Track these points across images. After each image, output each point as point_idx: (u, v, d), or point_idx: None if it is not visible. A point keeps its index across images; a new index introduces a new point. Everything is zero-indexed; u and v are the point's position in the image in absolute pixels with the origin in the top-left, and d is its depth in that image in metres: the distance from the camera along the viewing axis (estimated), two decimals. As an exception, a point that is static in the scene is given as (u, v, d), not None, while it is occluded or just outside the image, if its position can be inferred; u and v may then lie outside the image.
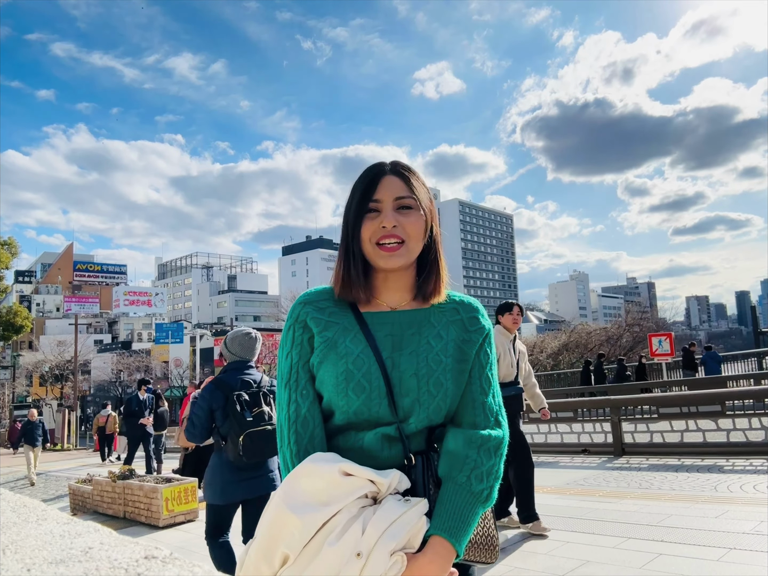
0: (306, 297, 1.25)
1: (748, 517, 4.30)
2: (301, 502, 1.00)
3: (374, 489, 1.04)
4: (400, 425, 1.14)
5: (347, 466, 1.04)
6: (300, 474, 1.04)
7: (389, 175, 1.21)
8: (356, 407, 1.14)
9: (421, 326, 1.21)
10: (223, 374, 3.53)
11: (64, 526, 0.86)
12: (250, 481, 3.35)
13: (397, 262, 1.18)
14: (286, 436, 1.17)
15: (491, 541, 1.20)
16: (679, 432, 7.81)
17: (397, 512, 1.01)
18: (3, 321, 31.97)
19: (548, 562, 3.81)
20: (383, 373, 1.14)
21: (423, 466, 1.14)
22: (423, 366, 1.15)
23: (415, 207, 1.20)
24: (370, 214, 1.19)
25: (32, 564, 0.62)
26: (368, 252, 1.20)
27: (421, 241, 1.21)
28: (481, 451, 1.15)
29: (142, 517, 6.61)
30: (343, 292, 1.22)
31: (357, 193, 1.21)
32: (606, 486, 6.08)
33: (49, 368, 41.72)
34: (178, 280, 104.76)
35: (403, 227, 1.17)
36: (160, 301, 68.70)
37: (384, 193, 1.19)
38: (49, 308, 73.74)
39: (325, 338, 1.18)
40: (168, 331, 41.89)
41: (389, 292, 1.25)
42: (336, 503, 1.00)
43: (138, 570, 0.61)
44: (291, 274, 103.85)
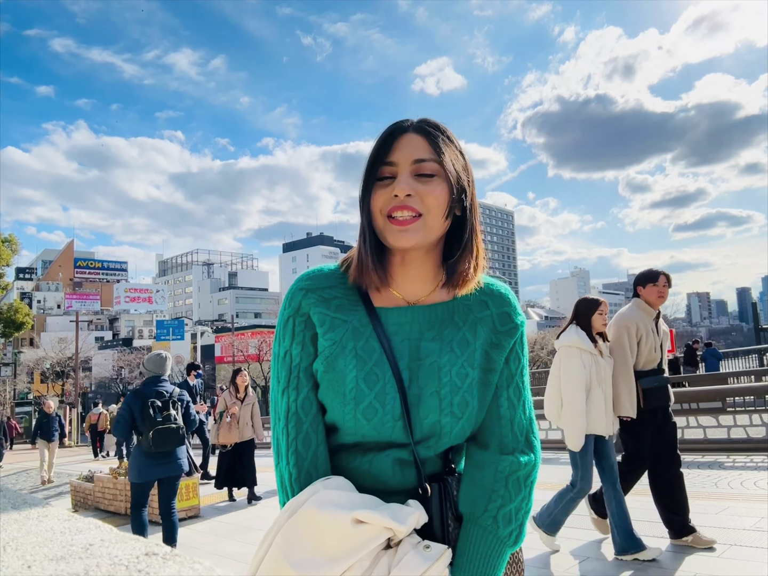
0: (308, 282, 1.02)
1: (749, 514, 4.30)
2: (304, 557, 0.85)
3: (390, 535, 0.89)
4: (415, 448, 0.97)
5: (360, 514, 0.86)
6: (303, 522, 0.88)
7: (410, 133, 0.97)
8: (365, 432, 0.96)
9: (443, 327, 1.01)
10: (142, 386, 4.74)
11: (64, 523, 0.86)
12: (161, 465, 4.53)
13: (410, 240, 0.95)
14: (284, 456, 0.99)
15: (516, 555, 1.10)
16: (679, 428, 7.79)
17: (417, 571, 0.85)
18: (4, 318, 32.01)
19: (548, 558, 3.82)
20: (400, 391, 0.95)
21: (440, 496, 0.97)
22: (446, 382, 0.97)
23: (439, 173, 0.95)
24: (384, 181, 0.97)
25: (33, 561, 0.62)
26: (379, 226, 0.98)
27: (443, 216, 0.97)
28: (510, 483, 0.99)
29: (144, 513, 6.62)
30: (359, 275, 1.00)
31: (370, 157, 0.99)
32: (606, 482, 6.08)
33: (50, 365, 41.77)
34: (178, 277, 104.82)
35: (421, 197, 0.94)
36: (161, 298, 68.79)
37: (400, 155, 0.96)
38: (50, 305, 73.81)
39: (332, 341, 0.98)
40: (169, 328, 41.92)
41: (407, 281, 1.03)
42: (346, 559, 0.85)
43: (138, 567, 0.61)
44: (291, 271, 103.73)
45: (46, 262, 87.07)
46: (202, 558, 0.89)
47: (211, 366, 41.74)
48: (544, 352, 30.25)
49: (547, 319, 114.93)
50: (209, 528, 6.00)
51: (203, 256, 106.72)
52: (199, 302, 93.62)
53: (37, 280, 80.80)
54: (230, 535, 5.56)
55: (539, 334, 36.12)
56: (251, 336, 39.88)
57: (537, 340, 32.43)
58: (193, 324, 56.35)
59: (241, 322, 57.93)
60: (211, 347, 42.98)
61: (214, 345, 42.99)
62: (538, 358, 29.86)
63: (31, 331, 46.88)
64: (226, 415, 7.35)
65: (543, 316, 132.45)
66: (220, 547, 5.16)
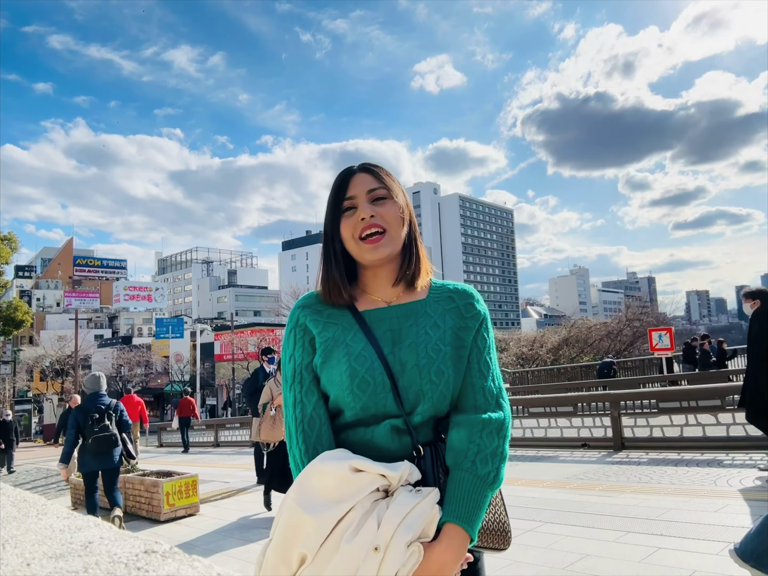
0: (304, 301, 1.28)
1: (748, 512, 4.31)
2: (313, 501, 1.02)
3: (386, 483, 1.06)
4: (407, 418, 1.16)
5: (357, 463, 1.05)
6: (310, 474, 1.06)
7: (359, 173, 1.24)
8: (363, 403, 1.16)
9: (418, 317, 1.23)
10: (84, 401, 6.20)
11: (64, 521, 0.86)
12: (99, 461, 6.01)
13: (383, 252, 1.20)
14: (294, 436, 1.20)
15: (503, 527, 1.21)
16: (678, 426, 7.81)
17: (410, 504, 1.02)
18: (3, 316, 31.99)
19: (548, 555, 3.82)
20: (386, 368, 1.16)
21: (432, 456, 1.16)
22: (423, 356, 1.17)
23: (389, 196, 1.23)
24: (347, 212, 1.22)
25: (32, 558, 0.62)
26: (353, 250, 1.22)
27: (401, 227, 1.24)
28: (484, 434, 1.17)
29: (143, 511, 6.64)
30: (328, 296, 1.25)
31: (331, 196, 1.25)
32: (606, 480, 6.09)
33: (50, 363, 41.74)
34: (178, 275, 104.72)
35: (381, 216, 1.20)
36: (161, 296, 68.75)
37: (356, 189, 1.22)
38: (49, 303, 73.73)
39: (326, 338, 1.20)
40: (168, 326, 41.91)
41: (381, 287, 1.27)
42: (349, 500, 1.01)
43: (138, 564, 0.61)
44: (291, 269, 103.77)
45: (46, 260, 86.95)
46: (201, 556, 0.89)
47: (210, 364, 41.74)
48: (543, 350, 30.17)
49: (546, 317, 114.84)
50: (208, 526, 6.01)
51: (202, 254, 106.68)
52: (198, 300, 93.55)
53: (36, 278, 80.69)
54: (230, 533, 5.56)
55: (538, 333, 36.02)
56: (250, 334, 39.87)
57: (536, 338, 32.33)
58: (193, 322, 56.29)
59: (241, 320, 57.90)
60: (210, 345, 42.95)
61: (214, 343, 42.95)
62: (537, 356, 29.79)
63: (30, 329, 46.88)
64: (270, 407, 6.18)
65: (542, 314, 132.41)
66: (220, 545, 5.16)
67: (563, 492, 5.69)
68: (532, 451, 8.72)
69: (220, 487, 8.43)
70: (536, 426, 9.49)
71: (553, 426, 9.29)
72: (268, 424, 6.10)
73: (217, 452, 15.89)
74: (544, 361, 28.71)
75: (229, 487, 8.46)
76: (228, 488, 8.32)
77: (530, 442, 9.16)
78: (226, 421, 22.00)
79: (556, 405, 10.16)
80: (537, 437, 9.26)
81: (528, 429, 9.67)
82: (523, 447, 8.97)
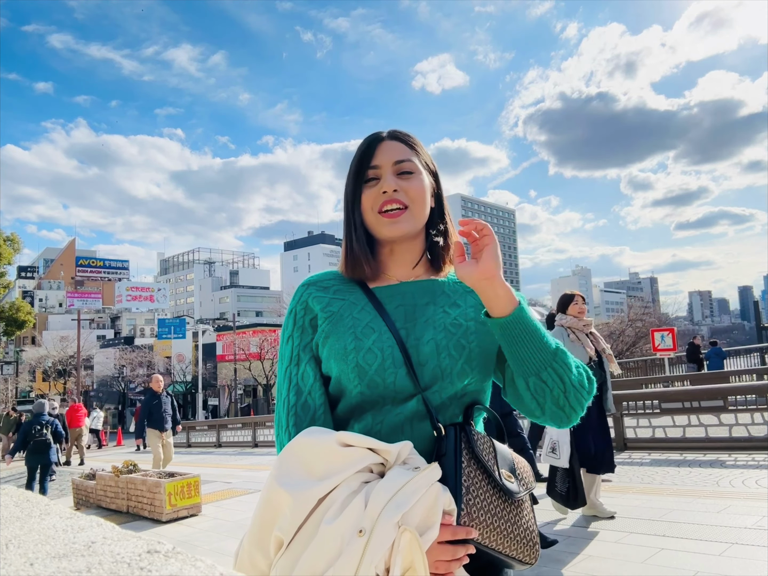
0: (310, 278, 1.18)
1: (750, 512, 4.30)
2: (293, 478, 0.88)
3: (379, 460, 0.91)
4: (424, 394, 1.01)
5: (346, 436, 0.91)
6: (293, 448, 0.92)
7: (387, 140, 1.13)
8: (369, 378, 1.02)
9: (435, 296, 1.12)
10: (32, 417, 9.16)
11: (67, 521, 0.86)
12: (37, 458, 8.90)
13: (401, 229, 1.08)
14: (284, 421, 1.06)
15: (532, 536, 1.01)
16: (681, 427, 7.80)
17: (402, 479, 0.86)
18: (6, 316, 32.04)
19: (550, 556, 3.82)
20: (397, 341, 1.04)
21: (456, 436, 0.97)
22: (440, 331, 1.06)
23: (417, 171, 1.11)
24: (370, 183, 1.11)
25: (35, 558, 0.62)
26: (371, 222, 1.11)
27: (426, 206, 1.12)
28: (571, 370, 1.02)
29: (146, 511, 6.64)
30: (349, 270, 1.14)
31: (354, 162, 1.14)
32: (608, 481, 6.09)
33: (52, 363, 41.84)
34: (180, 276, 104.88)
35: (405, 191, 1.09)
36: (163, 296, 68.76)
37: (382, 158, 1.11)
38: (51, 304, 73.89)
39: (330, 313, 1.09)
40: (170, 327, 41.90)
41: (397, 265, 1.16)
42: (334, 477, 0.87)
43: (141, 564, 0.61)
44: (293, 270, 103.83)
45: (48, 261, 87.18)
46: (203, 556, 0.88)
47: (212, 364, 41.75)
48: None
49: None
50: (211, 526, 6.02)
51: (204, 254, 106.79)
52: (200, 301, 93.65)
53: (38, 278, 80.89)
54: (232, 533, 5.56)
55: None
56: (252, 334, 39.87)
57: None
58: (195, 322, 56.32)
59: (243, 320, 57.96)
60: (212, 346, 42.96)
61: (216, 343, 42.96)
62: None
63: (32, 330, 47.00)
64: None
65: (544, 315, 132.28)
66: (222, 545, 5.17)
67: (565, 492, 5.67)
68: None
69: (222, 488, 8.43)
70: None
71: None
72: None
73: (219, 452, 15.90)
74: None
75: (231, 487, 8.46)
76: (230, 488, 8.33)
77: (532, 443, 9.14)
78: (228, 421, 22.02)
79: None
80: (539, 438, 9.24)
81: (530, 429, 9.65)
82: (525, 447, 8.95)
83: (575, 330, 4.53)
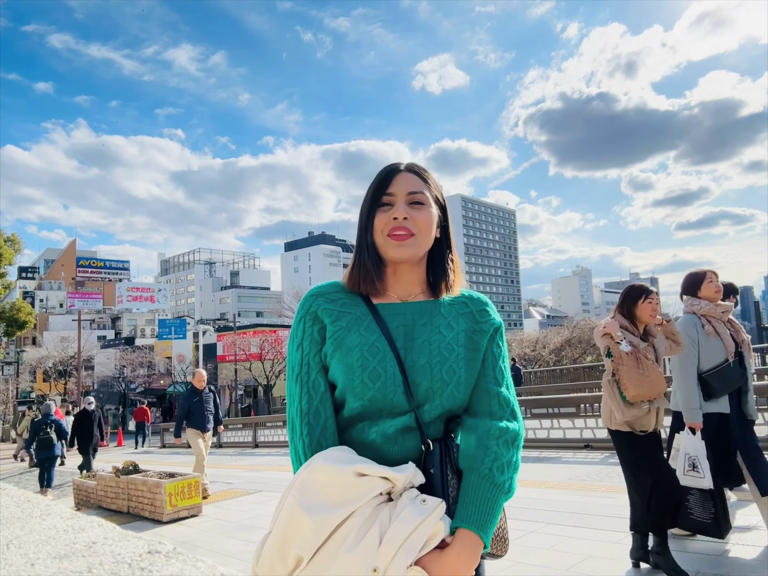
0: (317, 289, 1.26)
1: (751, 513, 4.29)
2: (313, 502, 0.99)
3: (389, 486, 1.03)
4: (417, 411, 1.14)
5: (362, 467, 1.03)
6: (312, 472, 1.03)
7: (404, 172, 1.24)
8: (371, 394, 1.14)
9: (432, 317, 1.23)
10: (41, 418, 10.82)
11: (67, 521, 0.86)
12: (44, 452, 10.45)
13: (406, 252, 1.20)
14: (298, 428, 1.17)
15: (503, 533, 1.19)
16: (681, 427, 7.79)
17: (414, 522, 0.98)
18: (6, 317, 32.04)
19: (550, 556, 3.82)
20: (398, 362, 1.15)
21: (441, 452, 1.14)
22: (436, 355, 1.17)
23: (427, 203, 1.22)
24: (383, 208, 1.22)
25: (36, 559, 0.62)
26: (379, 243, 1.22)
27: (430, 235, 1.23)
28: (500, 443, 1.15)
29: (146, 512, 6.65)
30: (356, 284, 1.24)
31: (372, 187, 1.25)
32: (608, 481, 6.09)
33: (53, 364, 41.85)
34: (180, 276, 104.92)
35: (414, 220, 1.20)
36: (163, 296, 68.76)
37: (398, 188, 1.22)
38: (52, 304, 73.94)
39: (339, 327, 1.19)
40: (171, 327, 41.90)
41: (399, 285, 1.26)
42: (349, 505, 0.98)
43: (141, 564, 0.61)
44: (293, 270, 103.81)
45: (49, 261, 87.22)
46: (204, 556, 0.88)
47: (212, 365, 41.74)
48: (546, 351, 30.09)
49: (549, 318, 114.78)
50: (211, 527, 6.02)
51: (205, 255, 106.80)
52: (201, 301, 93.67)
53: (39, 279, 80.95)
54: (232, 534, 5.57)
55: (541, 333, 35.96)
56: (253, 335, 39.86)
57: (539, 339, 32.27)
58: (195, 323, 56.29)
59: (243, 321, 57.92)
60: (213, 346, 42.94)
61: (216, 344, 42.94)
62: (540, 357, 29.73)
63: (33, 330, 47.02)
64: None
65: (545, 315, 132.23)
66: (223, 545, 5.17)
67: (566, 493, 5.68)
68: (534, 452, 8.71)
69: (223, 488, 8.44)
70: (539, 427, 9.48)
71: (556, 427, 9.27)
72: (632, 370, 3.28)
73: (219, 453, 15.91)
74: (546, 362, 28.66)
75: (232, 487, 8.47)
76: (231, 489, 8.33)
77: (533, 443, 9.15)
78: (228, 422, 22.01)
79: (559, 406, 10.15)
80: (540, 438, 9.24)
81: (531, 430, 9.64)
82: (526, 448, 8.94)
83: (712, 319, 3.61)
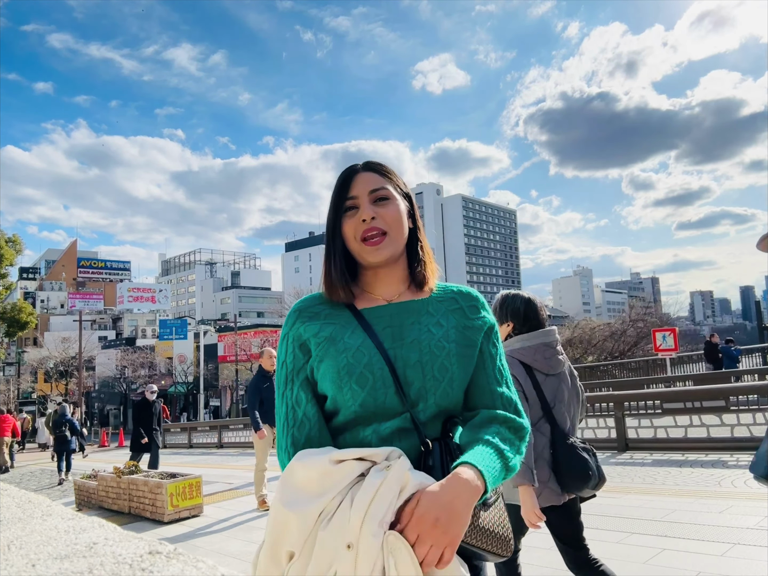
0: (300, 304, 1.24)
1: (752, 513, 4.29)
2: (296, 498, 1.00)
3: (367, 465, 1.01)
4: (412, 411, 1.11)
5: (337, 454, 1.02)
6: (291, 471, 1.04)
7: (362, 172, 1.22)
8: (362, 399, 1.11)
9: (420, 315, 1.20)
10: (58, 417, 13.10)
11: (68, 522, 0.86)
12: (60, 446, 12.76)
13: (383, 254, 1.18)
14: (283, 442, 1.16)
15: (507, 532, 1.11)
16: (683, 427, 7.79)
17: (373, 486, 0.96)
18: (8, 317, 32.05)
19: (550, 557, 3.81)
20: (387, 363, 1.12)
21: (441, 450, 1.10)
22: (426, 353, 1.14)
23: (392, 197, 1.21)
24: (349, 212, 1.20)
25: (37, 559, 0.62)
26: (355, 250, 1.20)
27: (403, 229, 1.21)
28: (503, 427, 1.13)
29: (147, 512, 6.65)
30: (327, 294, 1.22)
31: (334, 194, 1.23)
32: (609, 481, 6.05)
33: (54, 364, 41.88)
34: (181, 277, 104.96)
35: (382, 218, 1.18)
36: (164, 297, 68.89)
37: (359, 189, 1.20)
38: (53, 305, 73.97)
39: (323, 338, 1.16)
40: (172, 328, 41.93)
41: (383, 286, 1.24)
42: (330, 491, 0.98)
43: (142, 565, 0.61)
44: (294, 270, 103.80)
45: (50, 262, 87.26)
46: (205, 557, 0.88)
47: (213, 365, 41.77)
48: (547, 351, 30.02)
49: (549, 317, 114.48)
50: (212, 527, 6.02)
51: (206, 255, 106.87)
52: (201, 301, 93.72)
53: (40, 279, 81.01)
54: (233, 534, 5.57)
55: (542, 333, 35.89)
56: (254, 335, 39.91)
57: (540, 339, 32.21)
58: (196, 323, 56.32)
59: (244, 321, 57.94)
60: (213, 346, 42.97)
61: (217, 344, 42.98)
62: (541, 357, 29.67)
63: (34, 331, 46.99)
64: None
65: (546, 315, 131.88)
66: (224, 546, 5.17)
67: (567, 493, 5.67)
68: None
69: (224, 488, 8.44)
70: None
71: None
72: None
73: (220, 453, 15.91)
74: (547, 362, 28.59)
75: (233, 488, 8.47)
76: (231, 489, 8.33)
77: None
78: (229, 422, 22.02)
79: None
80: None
81: (531, 430, 9.65)
82: (527, 448, 8.94)
83: None
